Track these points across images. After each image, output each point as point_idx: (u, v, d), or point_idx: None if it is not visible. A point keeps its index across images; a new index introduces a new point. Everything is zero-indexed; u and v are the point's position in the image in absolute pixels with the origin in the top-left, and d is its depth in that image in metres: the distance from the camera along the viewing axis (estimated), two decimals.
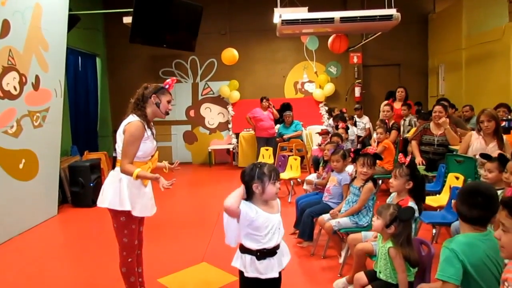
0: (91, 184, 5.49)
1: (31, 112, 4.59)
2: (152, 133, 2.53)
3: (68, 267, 3.61)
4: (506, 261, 1.51)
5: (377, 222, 2.07)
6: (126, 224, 2.45)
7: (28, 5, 4.47)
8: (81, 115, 8.01)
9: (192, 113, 9.17)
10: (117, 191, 2.39)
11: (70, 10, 5.45)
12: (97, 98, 8.81)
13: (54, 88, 5.04)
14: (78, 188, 5.50)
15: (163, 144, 9.23)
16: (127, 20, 5.63)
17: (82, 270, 3.44)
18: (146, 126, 2.44)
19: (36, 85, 4.66)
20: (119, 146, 2.43)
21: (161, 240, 4.10)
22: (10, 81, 4.23)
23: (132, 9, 5.40)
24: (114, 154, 2.53)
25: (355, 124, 7.01)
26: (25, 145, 4.52)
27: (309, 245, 3.60)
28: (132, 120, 2.41)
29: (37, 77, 4.67)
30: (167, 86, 2.56)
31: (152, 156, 2.62)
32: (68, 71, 6.83)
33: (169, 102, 2.59)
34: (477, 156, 3.60)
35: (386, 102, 6.95)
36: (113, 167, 2.52)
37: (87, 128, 8.35)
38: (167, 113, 2.60)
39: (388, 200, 2.68)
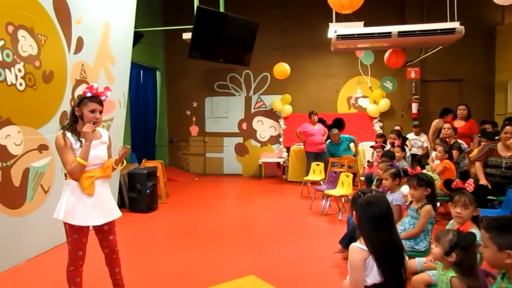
0: (147, 191, 5.75)
1: None
2: (81, 145, 2.48)
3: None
4: None
5: (436, 249, 1.95)
6: (68, 233, 2.54)
7: (99, 23, 4.85)
8: (141, 125, 8.46)
9: (244, 125, 9.34)
10: (59, 201, 2.53)
11: (135, 27, 5.83)
12: (156, 109, 9.28)
13: (119, 99, 5.39)
14: (135, 194, 5.79)
15: (215, 156, 9.49)
16: (186, 36, 5.89)
17: (135, 270, 3.58)
18: (72, 137, 2.48)
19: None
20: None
21: (208, 249, 4.17)
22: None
23: (191, 26, 5.66)
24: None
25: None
26: None
27: None
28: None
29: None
30: (88, 95, 2.52)
31: (102, 165, 2.64)
32: (130, 83, 7.28)
33: (92, 111, 2.51)
34: None
35: (438, 120, 6.62)
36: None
37: (145, 137, 8.81)
38: (94, 123, 2.50)
39: (447, 226, 2.53)
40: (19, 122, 3.67)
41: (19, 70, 3.66)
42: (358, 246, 1.74)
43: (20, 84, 3.68)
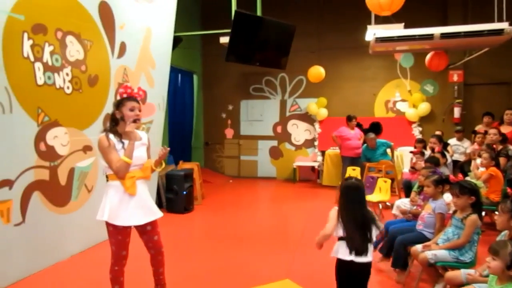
0: (184, 192, 5.87)
1: None
2: (123, 146, 2.57)
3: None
4: None
5: (494, 263, 1.85)
6: (111, 234, 2.60)
7: (141, 29, 5.02)
8: (178, 127, 8.64)
9: (279, 129, 9.33)
10: (102, 203, 2.60)
11: (174, 32, 5.98)
12: (193, 112, 9.47)
13: (158, 102, 5.55)
14: (172, 195, 5.92)
15: (249, 158, 9.53)
16: (224, 40, 5.98)
17: (172, 269, 3.64)
18: (114, 138, 2.57)
19: (143, 100, 5.17)
20: (102, 163, 2.63)
21: (243, 251, 4.19)
22: None
23: (228, 30, 5.73)
24: (107, 173, 2.65)
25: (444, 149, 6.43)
26: None
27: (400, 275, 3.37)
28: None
29: (144, 93, 5.18)
30: (124, 96, 2.63)
31: (141, 166, 2.70)
32: (169, 87, 7.48)
33: (132, 109, 2.59)
34: None
35: (480, 125, 6.32)
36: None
37: (182, 139, 8.99)
38: (135, 121, 2.59)
39: (499, 237, 2.39)
40: (66, 124, 3.86)
41: (67, 74, 3.85)
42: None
43: (68, 88, 3.87)
